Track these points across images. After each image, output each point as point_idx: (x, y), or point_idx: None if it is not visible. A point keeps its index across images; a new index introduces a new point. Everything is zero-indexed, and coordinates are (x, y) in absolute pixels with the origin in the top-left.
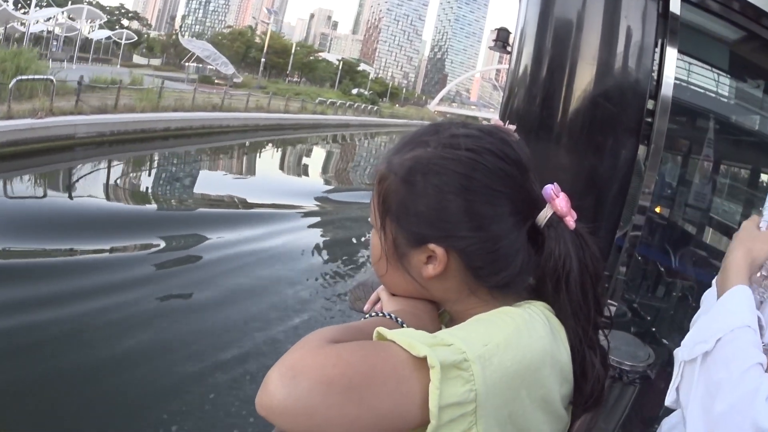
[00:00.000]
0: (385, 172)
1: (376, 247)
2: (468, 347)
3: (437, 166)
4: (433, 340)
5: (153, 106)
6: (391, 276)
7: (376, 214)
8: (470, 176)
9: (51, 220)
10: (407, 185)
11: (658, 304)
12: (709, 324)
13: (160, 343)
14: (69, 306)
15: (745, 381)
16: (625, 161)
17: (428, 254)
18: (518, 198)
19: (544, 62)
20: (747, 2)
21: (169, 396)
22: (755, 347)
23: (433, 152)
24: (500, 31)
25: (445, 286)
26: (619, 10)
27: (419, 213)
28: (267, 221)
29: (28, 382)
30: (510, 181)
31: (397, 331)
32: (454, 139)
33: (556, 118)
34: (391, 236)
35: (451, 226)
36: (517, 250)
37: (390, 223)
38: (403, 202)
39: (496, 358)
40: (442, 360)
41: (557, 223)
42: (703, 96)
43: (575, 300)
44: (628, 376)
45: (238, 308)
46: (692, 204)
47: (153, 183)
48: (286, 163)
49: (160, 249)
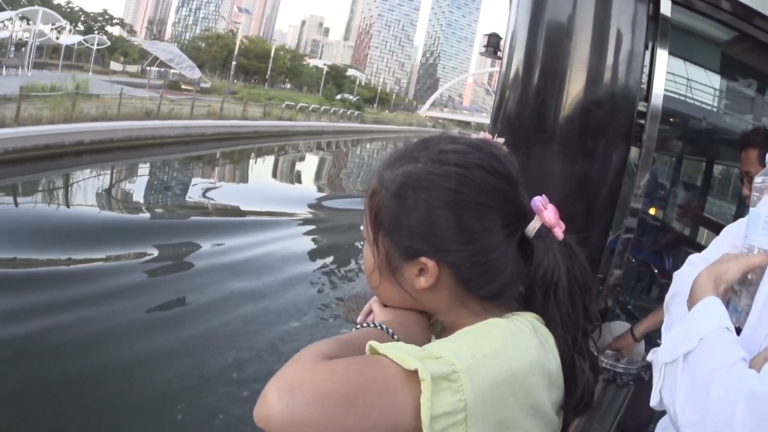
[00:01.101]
0: (376, 186)
1: (368, 260)
2: (457, 359)
3: (427, 182)
4: (422, 353)
5: (66, 117)
6: (384, 288)
7: (368, 228)
8: (459, 191)
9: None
10: (398, 200)
11: (652, 305)
12: (687, 328)
13: (156, 350)
14: (60, 314)
15: (735, 369)
16: (616, 165)
17: (420, 267)
18: (507, 211)
19: (535, 67)
20: (738, 2)
21: (167, 403)
22: (737, 345)
23: (423, 168)
24: (491, 36)
25: (437, 297)
26: (609, 14)
27: (410, 227)
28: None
29: (26, 389)
30: (499, 195)
31: (389, 345)
32: (443, 155)
33: (546, 123)
34: (384, 250)
35: (442, 240)
36: (507, 261)
37: (382, 237)
38: (395, 217)
39: (484, 369)
40: (432, 372)
41: (546, 234)
42: (694, 97)
43: (564, 309)
44: (622, 378)
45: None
46: (683, 205)
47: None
48: (225, 184)
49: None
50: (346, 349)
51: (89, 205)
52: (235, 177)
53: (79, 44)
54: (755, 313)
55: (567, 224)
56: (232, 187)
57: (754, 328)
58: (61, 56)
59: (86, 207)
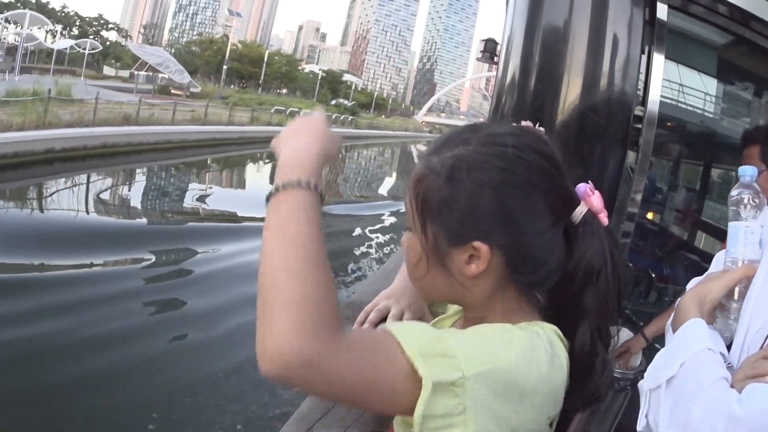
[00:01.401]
0: (423, 171)
1: (413, 249)
2: (467, 365)
3: (480, 162)
4: (436, 349)
5: (38, 123)
6: (431, 278)
7: (414, 215)
8: (513, 171)
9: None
10: (450, 182)
11: (650, 310)
12: (669, 354)
13: (151, 356)
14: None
15: (716, 388)
16: (613, 169)
17: (470, 253)
18: (556, 195)
19: (531, 72)
20: (734, 6)
21: (161, 408)
22: (719, 365)
23: (475, 149)
24: (488, 42)
25: (483, 285)
26: (605, 19)
27: (462, 210)
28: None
29: (19, 394)
30: (549, 178)
31: (407, 329)
32: (496, 137)
33: (543, 128)
34: (432, 237)
35: (494, 222)
36: (555, 247)
37: (431, 222)
38: (445, 200)
39: (491, 380)
40: (436, 379)
41: (592, 219)
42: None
43: (602, 295)
44: (620, 383)
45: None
46: (680, 209)
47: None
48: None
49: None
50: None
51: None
52: (222, 183)
53: (71, 49)
54: (743, 322)
55: None
56: (224, 193)
57: (742, 336)
58: (53, 61)
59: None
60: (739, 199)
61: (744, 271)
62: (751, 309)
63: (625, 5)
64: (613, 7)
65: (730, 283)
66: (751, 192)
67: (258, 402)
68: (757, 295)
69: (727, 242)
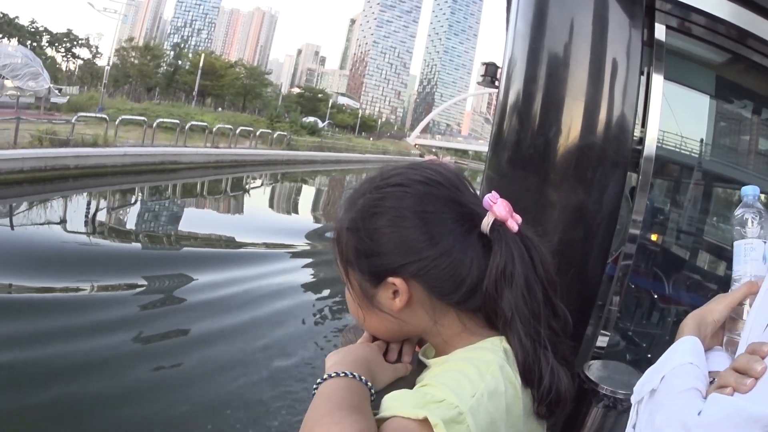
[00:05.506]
0: (338, 229)
1: (350, 300)
2: (460, 400)
3: (374, 207)
4: (424, 400)
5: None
6: (369, 321)
7: (340, 269)
8: (401, 206)
9: None
10: (355, 233)
11: (653, 330)
12: (655, 368)
13: (147, 383)
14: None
15: (681, 398)
16: (614, 192)
17: (392, 289)
18: (454, 214)
19: (533, 96)
20: (731, 24)
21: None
22: (695, 377)
23: (369, 197)
24: (488, 65)
25: (417, 315)
26: (605, 41)
27: (370, 253)
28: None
29: (11, 417)
30: (441, 202)
31: (393, 401)
32: (384, 180)
33: (542, 153)
34: (357, 283)
35: (399, 256)
36: (471, 260)
37: (352, 271)
38: (355, 249)
39: (483, 409)
40: (442, 417)
41: (500, 227)
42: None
43: (519, 300)
44: (623, 404)
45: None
46: (685, 230)
47: None
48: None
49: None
50: (362, 417)
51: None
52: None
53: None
54: (743, 335)
55: (564, 252)
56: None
57: (742, 349)
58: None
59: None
60: (743, 220)
61: (746, 290)
62: (751, 321)
63: (624, 27)
64: (612, 29)
65: (732, 302)
66: (754, 211)
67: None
68: (757, 307)
69: (733, 262)
